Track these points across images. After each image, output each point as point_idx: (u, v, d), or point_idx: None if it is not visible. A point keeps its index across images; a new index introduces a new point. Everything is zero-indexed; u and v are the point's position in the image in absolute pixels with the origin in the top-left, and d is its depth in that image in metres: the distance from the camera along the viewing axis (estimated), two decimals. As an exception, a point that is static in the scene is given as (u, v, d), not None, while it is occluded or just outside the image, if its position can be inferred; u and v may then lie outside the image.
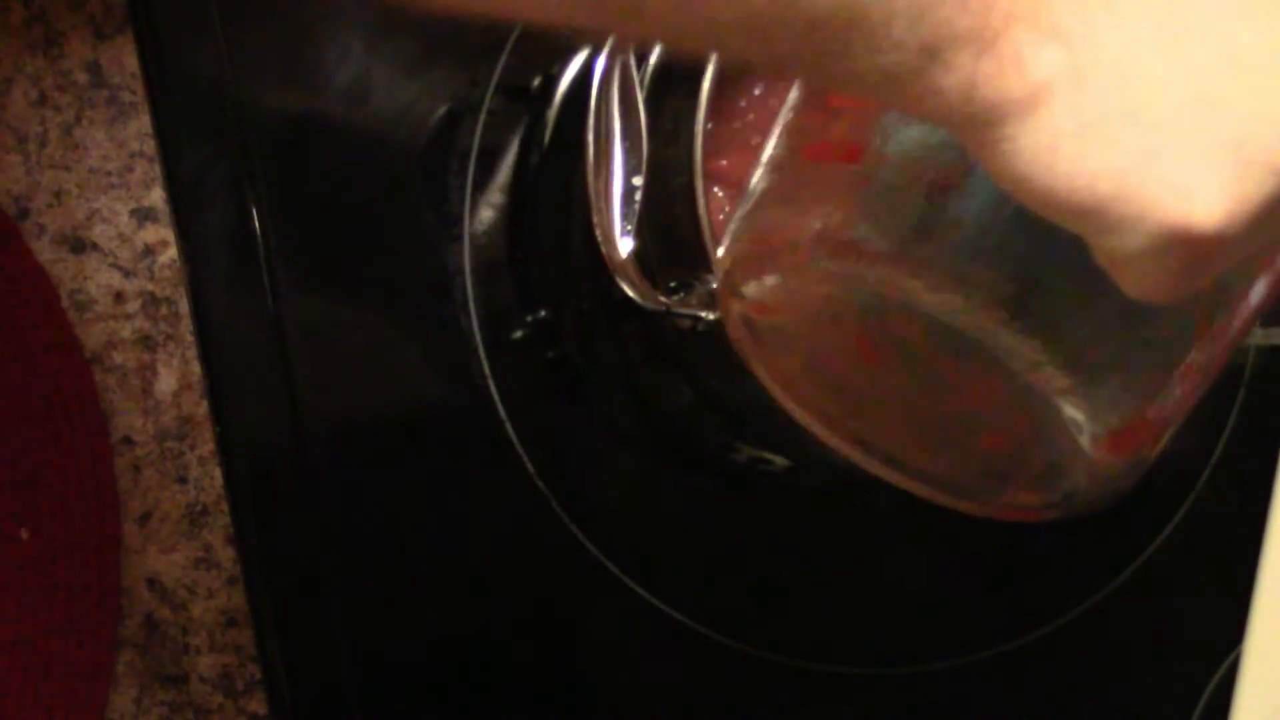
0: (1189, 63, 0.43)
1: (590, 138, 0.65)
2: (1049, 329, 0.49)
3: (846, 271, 0.50)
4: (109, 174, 0.74)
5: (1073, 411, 0.50)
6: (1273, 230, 0.45)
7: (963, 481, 0.57)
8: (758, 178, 0.53)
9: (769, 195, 0.53)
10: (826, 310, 0.54)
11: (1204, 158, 0.43)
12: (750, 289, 0.54)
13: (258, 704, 0.75)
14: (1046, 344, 0.49)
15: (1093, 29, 0.42)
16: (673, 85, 0.67)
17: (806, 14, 0.42)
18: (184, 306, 0.74)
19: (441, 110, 0.76)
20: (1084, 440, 0.51)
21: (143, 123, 0.74)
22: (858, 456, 0.58)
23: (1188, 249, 0.44)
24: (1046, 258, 0.49)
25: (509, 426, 0.76)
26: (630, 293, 0.66)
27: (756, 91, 0.70)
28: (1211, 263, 0.45)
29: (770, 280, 0.53)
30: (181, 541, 0.75)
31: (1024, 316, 0.49)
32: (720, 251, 0.55)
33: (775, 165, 0.53)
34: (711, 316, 0.65)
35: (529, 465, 0.76)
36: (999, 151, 0.44)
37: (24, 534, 0.73)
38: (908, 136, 0.50)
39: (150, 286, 0.74)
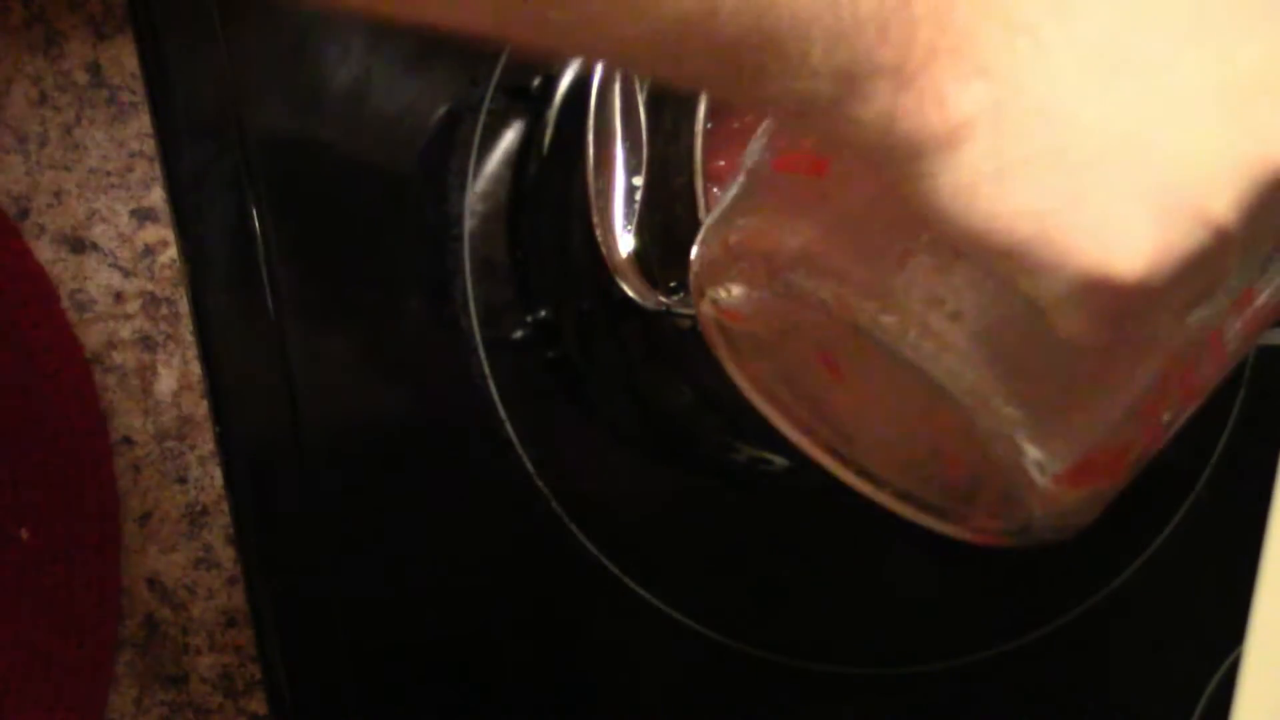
0: (1120, 105, 0.41)
1: (590, 138, 0.65)
2: (996, 360, 0.49)
3: (802, 287, 0.50)
4: (109, 174, 0.74)
5: (1024, 445, 0.50)
6: (1205, 279, 0.44)
7: (930, 500, 0.57)
8: (734, 184, 0.53)
9: (739, 202, 0.52)
10: (787, 322, 0.54)
11: (1129, 204, 0.42)
12: (718, 295, 0.54)
13: (258, 704, 0.75)
14: (995, 375, 0.49)
15: (1019, 67, 0.41)
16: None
17: (716, 36, 0.40)
18: (184, 306, 0.74)
19: (441, 110, 0.76)
20: (1037, 474, 0.51)
21: (143, 123, 0.74)
22: (831, 465, 0.58)
23: (1109, 296, 0.43)
24: (994, 286, 0.48)
25: (509, 426, 0.76)
26: (630, 293, 0.66)
27: (756, 91, 0.70)
28: (1138, 310, 0.44)
29: (735, 289, 0.53)
30: (181, 541, 0.75)
31: (972, 345, 0.49)
32: (692, 253, 0.54)
33: (749, 173, 0.53)
34: (711, 316, 0.65)
35: (529, 465, 0.76)
36: (919, 187, 0.43)
37: (24, 534, 0.73)
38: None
39: (150, 286, 0.74)
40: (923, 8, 0.41)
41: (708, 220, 0.53)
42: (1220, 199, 0.42)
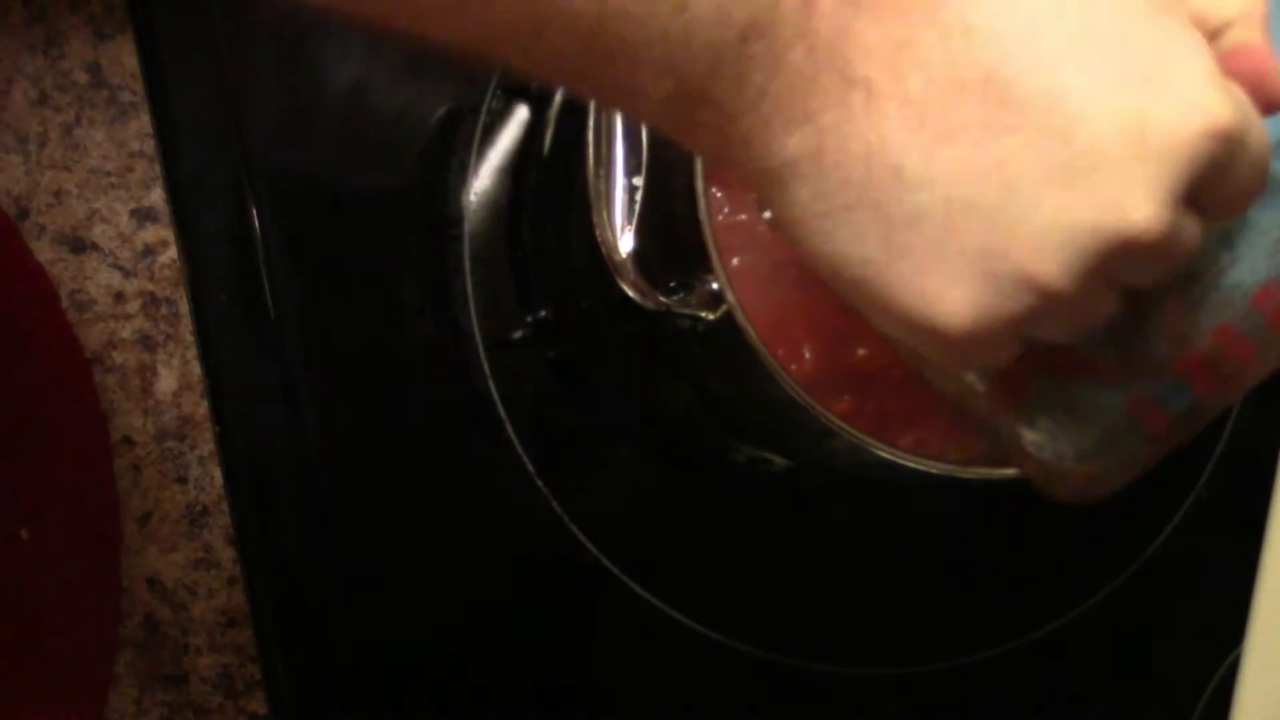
0: (946, 167, 0.41)
1: (591, 137, 0.65)
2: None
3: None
4: (109, 174, 0.74)
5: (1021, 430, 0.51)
6: (1059, 329, 0.44)
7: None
8: None
9: None
10: None
11: (949, 265, 0.42)
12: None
13: (258, 704, 0.75)
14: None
15: (847, 118, 0.41)
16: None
17: (539, 51, 0.41)
18: (184, 306, 0.74)
19: (441, 110, 0.76)
20: (1034, 450, 0.51)
21: (143, 123, 0.74)
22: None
23: (940, 344, 0.43)
24: None
25: (509, 426, 0.76)
26: (630, 293, 0.66)
27: (756, 91, 0.70)
28: (975, 357, 0.44)
29: None
30: (181, 541, 0.75)
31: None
32: None
33: None
34: (711, 316, 0.65)
35: (529, 465, 0.76)
36: (771, 209, 0.43)
37: (24, 534, 0.73)
38: None
39: (150, 286, 0.74)
40: (759, 48, 0.41)
41: None
42: (1047, 266, 0.41)
